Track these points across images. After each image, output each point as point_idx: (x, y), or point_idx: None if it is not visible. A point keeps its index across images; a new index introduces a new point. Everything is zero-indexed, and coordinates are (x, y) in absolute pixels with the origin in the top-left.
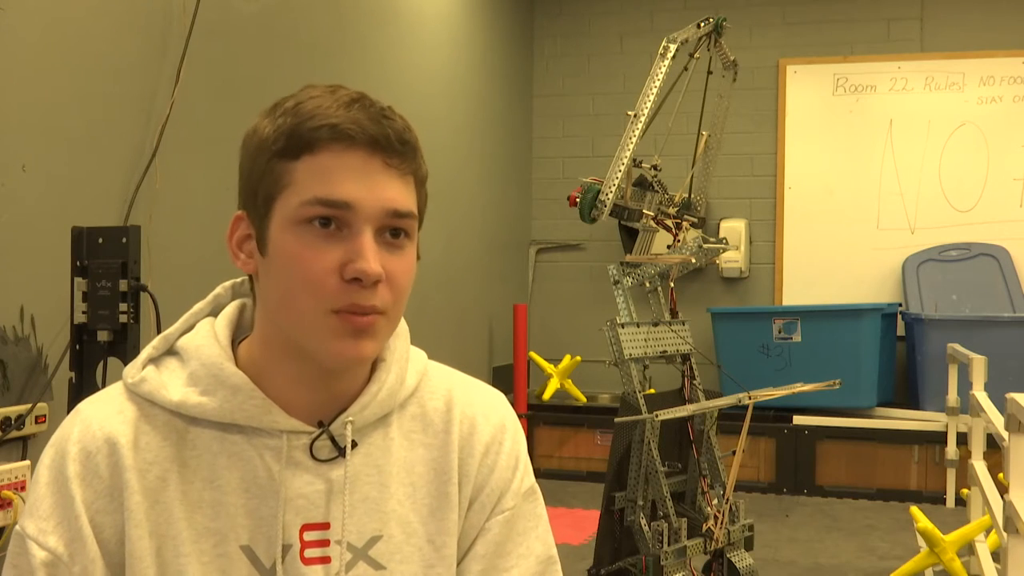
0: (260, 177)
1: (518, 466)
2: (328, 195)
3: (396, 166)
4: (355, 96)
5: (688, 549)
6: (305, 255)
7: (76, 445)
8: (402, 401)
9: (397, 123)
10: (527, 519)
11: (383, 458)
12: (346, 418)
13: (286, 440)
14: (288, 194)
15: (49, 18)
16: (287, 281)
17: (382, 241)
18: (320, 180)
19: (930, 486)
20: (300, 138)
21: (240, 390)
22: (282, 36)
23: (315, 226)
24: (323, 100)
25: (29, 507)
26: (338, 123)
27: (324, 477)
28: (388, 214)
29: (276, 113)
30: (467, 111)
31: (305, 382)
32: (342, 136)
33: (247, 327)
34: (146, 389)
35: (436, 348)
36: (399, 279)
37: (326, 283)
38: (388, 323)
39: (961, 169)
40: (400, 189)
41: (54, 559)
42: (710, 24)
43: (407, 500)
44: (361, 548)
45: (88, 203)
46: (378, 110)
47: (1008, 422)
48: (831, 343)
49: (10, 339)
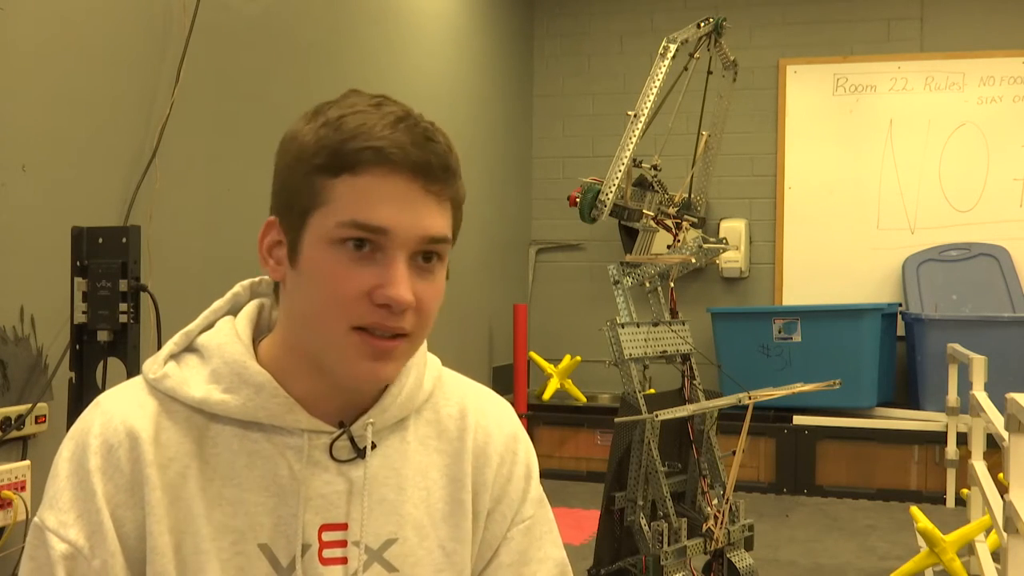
0: (297, 189)
1: (531, 475)
2: (366, 219)
3: (436, 192)
4: (400, 115)
5: (688, 549)
6: (337, 274)
7: (97, 438)
8: (419, 406)
9: (440, 147)
10: (543, 525)
11: (400, 461)
12: (367, 419)
13: (307, 439)
14: (325, 212)
15: (49, 18)
16: (315, 297)
17: (414, 266)
18: (359, 202)
19: (930, 486)
20: (342, 157)
21: (263, 388)
22: (282, 36)
23: (349, 247)
24: (368, 117)
25: (48, 499)
26: (383, 147)
27: (343, 478)
28: (423, 240)
29: (319, 122)
30: (467, 111)
31: (324, 388)
32: (385, 160)
33: (266, 327)
34: (168, 385)
35: (436, 348)
36: (427, 304)
37: (355, 305)
38: (411, 346)
39: (961, 169)
40: (438, 215)
41: (74, 551)
42: (710, 24)
43: (422, 504)
44: (377, 550)
45: (88, 203)
46: (422, 131)
47: (1008, 422)
48: (831, 343)
49: (10, 339)
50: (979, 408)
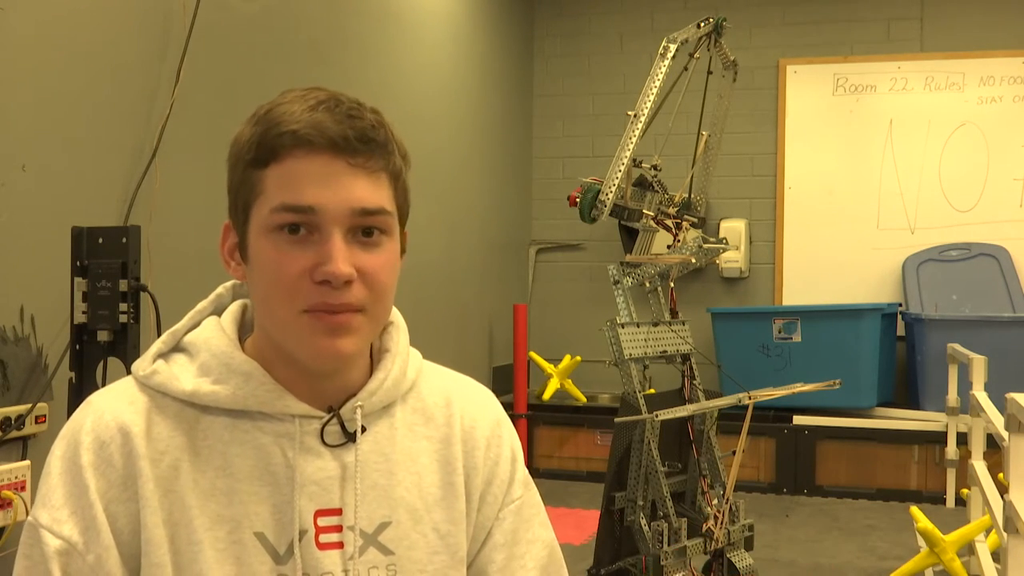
0: (238, 186)
1: (516, 457)
2: (294, 201)
3: (362, 165)
4: (323, 98)
5: (688, 549)
6: (277, 259)
7: (89, 435)
8: (404, 393)
9: (362, 121)
10: (530, 507)
11: (389, 446)
12: (355, 403)
13: (298, 425)
14: (260, 202)
15: (49, 18)
16: (264, 286)
17: (355, 241)
18: (286, 187)
19: (930, 486)
20: (266, 146)
21: (252, 377)
22: (282, 36)
23: (285, 232)
24: (291, 105)
25: (41, 497)
26: (298, 129)
27: (336, 463)
28: (356, 214)
29: (252, 121)
30: (467, 111)
31: (307, 377)
32: (302, 142)
33: (249, 326)
34: (157, 380)
35: (436, 348)
36: (376, 276)
37: (298, 286)
38: (369, 320)
39: (961, 169)
40: (368, 188)
41: (68, 547)
42: (710, 24)
43: (414, 488)
44: (371, 534)
45: (88, 203)
46: (344, 110)
47: (1008, 422)
48: (831, 343)
49: (10, 339)
50: (979, 408)
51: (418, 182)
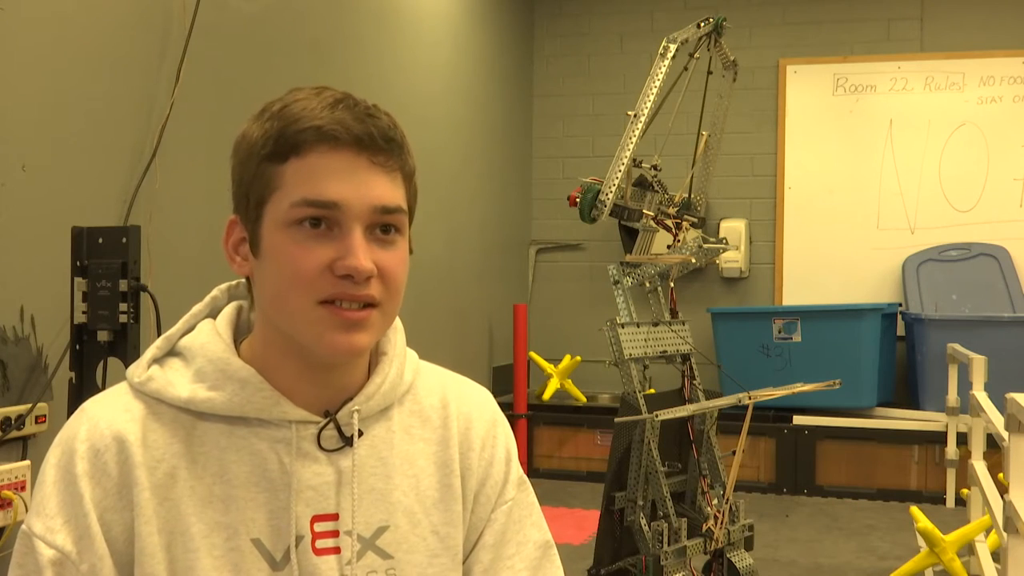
0: (251, 181)
1: (511, 458)
2: (316, 196)
3: (382, 163)
4: (339, 96)
5: (688, 549)
6: (296, 253)
7: (84, 443)
8: (401, 396)
9: (382, 121)
10: (522, 508)
11: (386, 450)
12: (352, 407)
13: (295, 431)
14: (278, 197)
15: (49, 18)
16: (279, 278)
17: (373, 238)
18: (308, 181)
19: (930, 486)
20: (287, 141)
21: (248, 383)
22: (282, 36)
23: (305, 227)
24: (308, 102)
25: (35, 506)
26: (323, 124)
27: (332, 468)
28: (376, 211)
29: (264, 117)
30: (467, 111)
31: (308, 377)
32: (327, 137)
33: (245, 329)
34: (153, 387)
35: (436, 348)
36: (392, 272)
37: (318, 280)
38: (382, 316)
39: (961, 169)
40: (387, 186)
41: (62, 557)
42: (710, 24)
43: (411, 491)
44: (369, 538)
45: (88, 203)
46: (363, 109)
47: (1008, 422)
48: (831, 343)
49: (10, 339)
50: (979, 408)
51: (418, 182)
